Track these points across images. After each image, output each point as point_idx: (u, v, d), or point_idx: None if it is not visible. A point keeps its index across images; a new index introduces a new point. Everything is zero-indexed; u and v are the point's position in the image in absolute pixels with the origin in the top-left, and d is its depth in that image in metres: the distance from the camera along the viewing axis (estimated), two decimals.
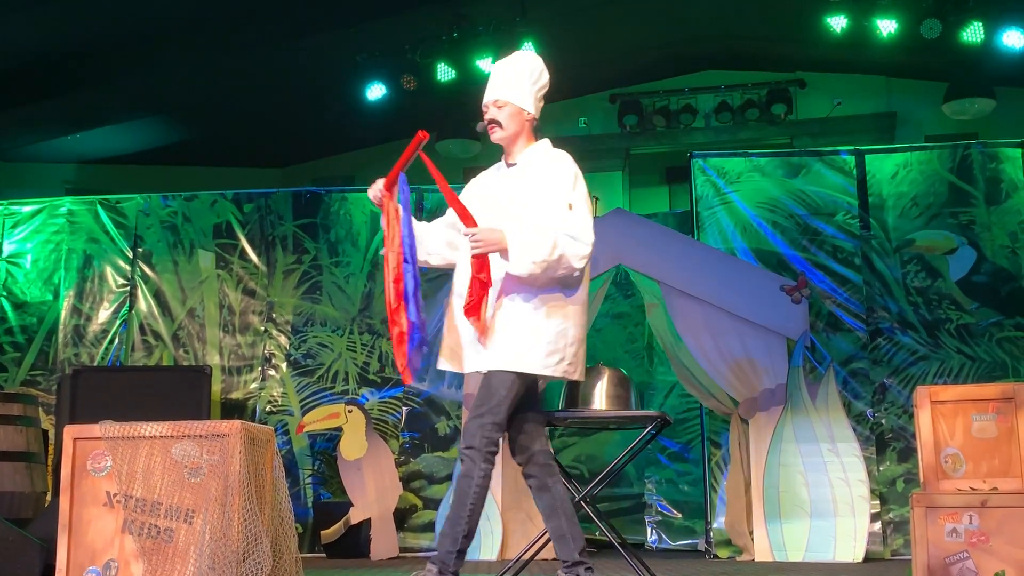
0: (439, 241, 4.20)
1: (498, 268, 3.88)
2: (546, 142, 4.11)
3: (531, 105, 4.05)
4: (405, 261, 3.93)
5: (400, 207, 4.00)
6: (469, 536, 3.83)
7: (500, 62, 4.15)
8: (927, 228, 7.44)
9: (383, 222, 4.07)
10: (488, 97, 4.06)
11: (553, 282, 3.89)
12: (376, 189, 4.04)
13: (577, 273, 3.90)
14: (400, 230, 3.98)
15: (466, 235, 3.84)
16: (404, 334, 3.88)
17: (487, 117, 4.05)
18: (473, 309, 3.82)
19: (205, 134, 11.08)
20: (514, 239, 3.78)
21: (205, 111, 10.35)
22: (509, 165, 4.10)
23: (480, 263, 3.82)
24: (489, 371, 3.87)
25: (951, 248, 7.38)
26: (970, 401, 4.30)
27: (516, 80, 4.04)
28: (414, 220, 4.05)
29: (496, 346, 3.86)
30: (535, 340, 3.85)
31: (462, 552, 3.83)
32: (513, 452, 4.04)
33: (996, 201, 7.44)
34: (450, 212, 4.16)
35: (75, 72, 9.02)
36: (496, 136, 4.05)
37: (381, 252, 4.12)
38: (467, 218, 3.86)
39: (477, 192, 4.17)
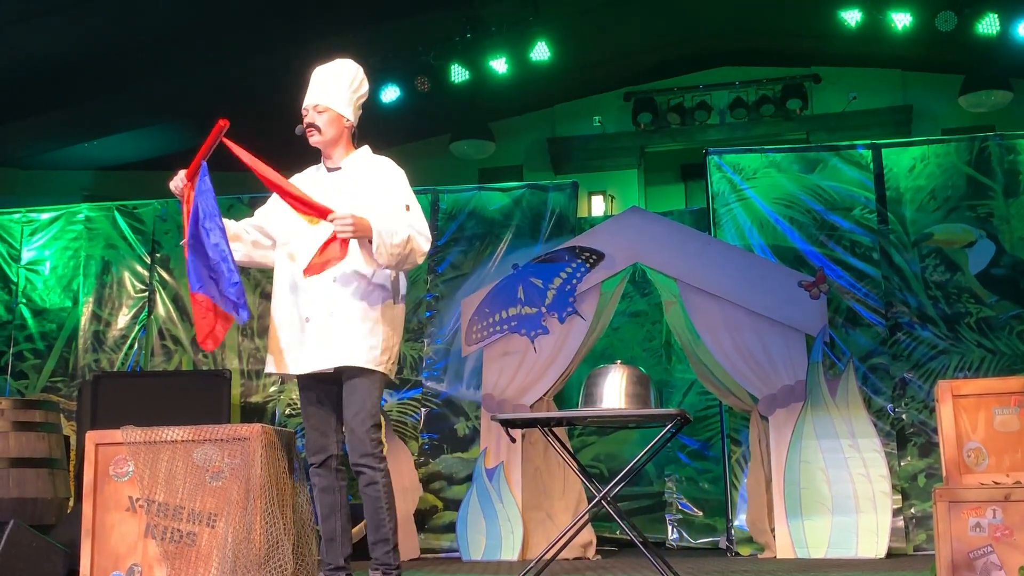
0: (246, 243, 4.24)
1: (341, 267, 3.95)
2: (367, 148, 4.25)
3: (350, 112, 4.19)
4: (191, 249, 3.94)
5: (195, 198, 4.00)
6: (396, 529, 4.05)
7: (321, 67, 4.25)
8: (945, 221, 7.39)
9: (184, 212, 4.06)
10: (308, 101, 4.20)
11: (384, 291, 4.05)
12: (178, 179, 4.07)
13: (417, 263, 4.05)
14: (189, 221, 3.97)
15: (333, 219, 3.84)
16: (202, 307, 3.99)
17: (306, 121, 4.17)
18: (316, 268, 3.86)
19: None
20: (377, 227, 3.87)
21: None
22: (331, 169, 4.20)
23: (342, 245, 3.86)
24: (355, 376, 3.97)
25: (970, 241, 7.33)
26: (992, 395, 4.28)
27: (337, 87, 4.17)
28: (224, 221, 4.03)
29: (353, 346, 3.96)
30: (377, 341, 4.01)
31: (396, 545, 4.04)
32: (313, 451, 4.13)
33: (1014, 193, 7.38)
34: (261, 211, 4.29)
35: (91, 79, 9.05)
36: (314, 140, 4.18)
37: (181, 244, 4.14)
38: (315, 207, 3.90)
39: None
